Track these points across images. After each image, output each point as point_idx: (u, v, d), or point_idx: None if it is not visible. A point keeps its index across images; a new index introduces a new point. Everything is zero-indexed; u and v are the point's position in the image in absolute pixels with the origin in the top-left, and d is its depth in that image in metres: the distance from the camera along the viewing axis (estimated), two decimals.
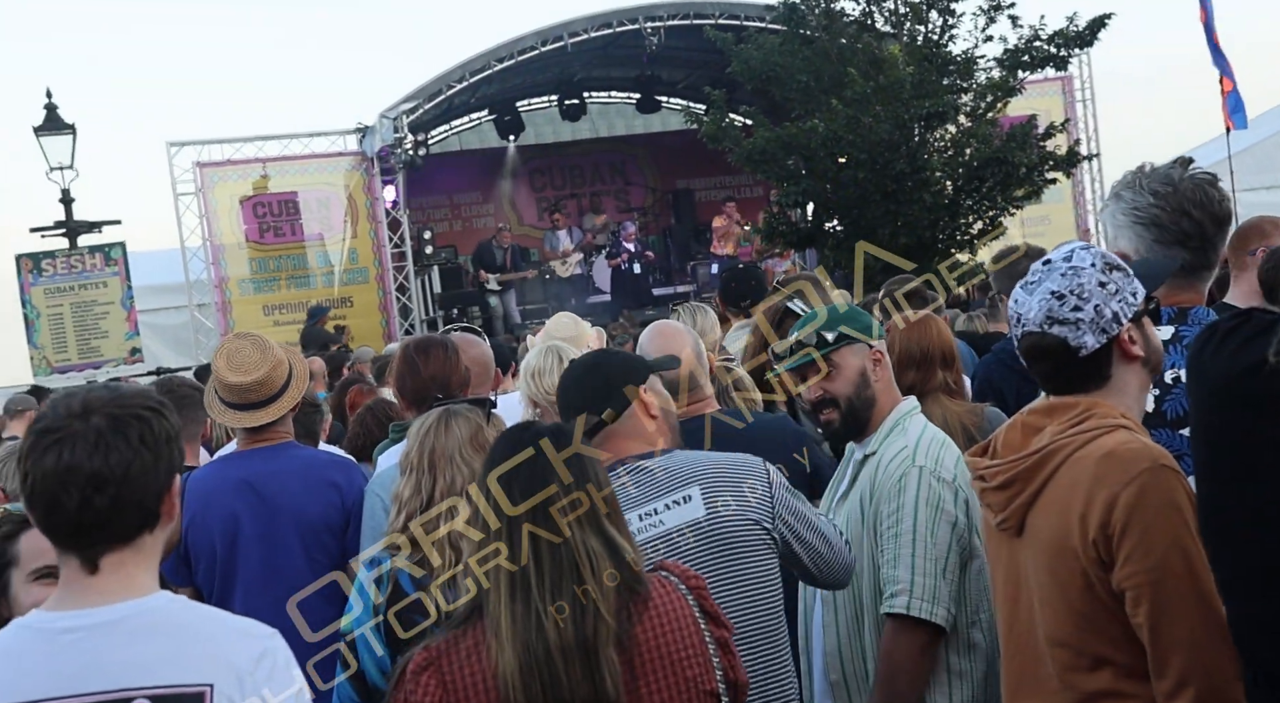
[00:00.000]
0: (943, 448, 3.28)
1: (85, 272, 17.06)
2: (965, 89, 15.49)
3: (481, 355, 4.61)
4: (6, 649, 2.08)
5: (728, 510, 2.98)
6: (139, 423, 2.09)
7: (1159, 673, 2.25)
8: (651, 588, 2.42)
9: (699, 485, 2.98)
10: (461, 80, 18.30)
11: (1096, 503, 2.30)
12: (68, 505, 2.04)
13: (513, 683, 2.27)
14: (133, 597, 2.09)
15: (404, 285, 18.95)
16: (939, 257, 15.52)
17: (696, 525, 2.95)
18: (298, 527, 4.05)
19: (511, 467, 2.41)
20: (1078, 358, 2.43)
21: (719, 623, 2.47)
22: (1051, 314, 2.44)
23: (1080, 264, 2.46)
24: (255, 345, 4.18)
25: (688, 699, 2.37)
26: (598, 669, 2.29)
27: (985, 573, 3.07)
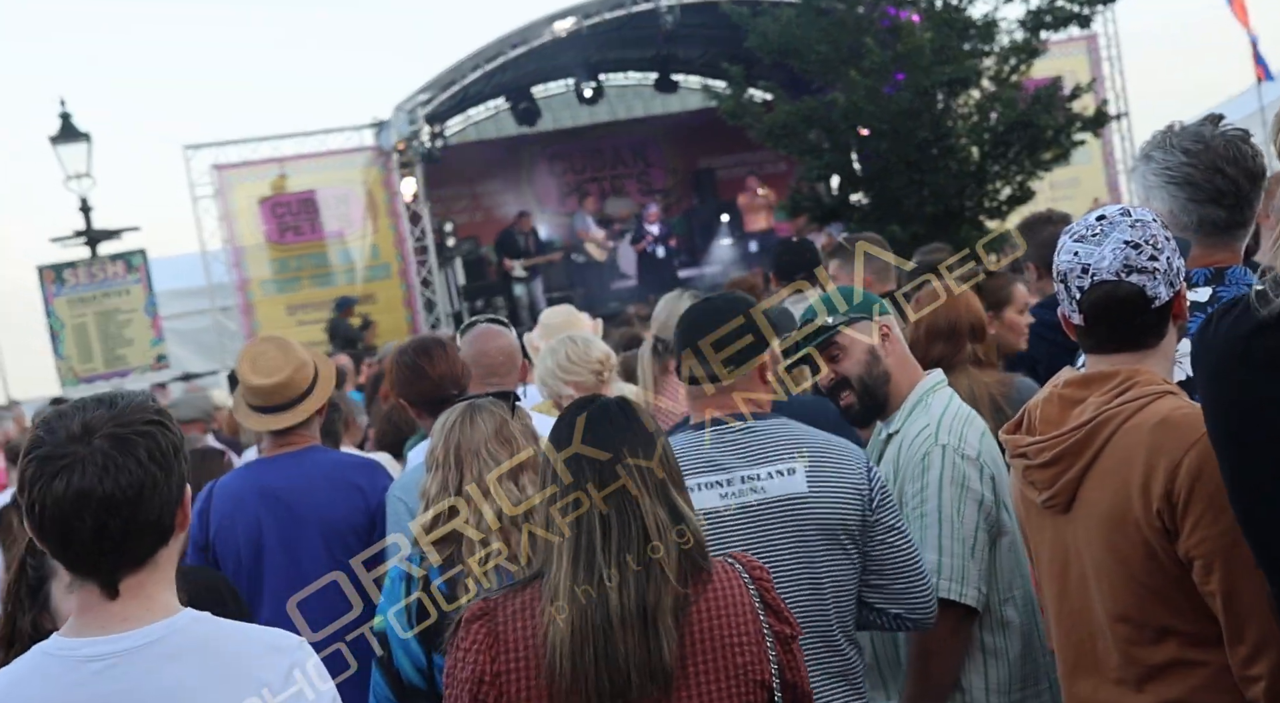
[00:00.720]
0: (967, 424, 3.24)
1: (107, 280, 17.12)
2: (987, 53, 15.23)
3: (508, 345, 4.64)
4: (25, 677, 2.04)
5: (829, 492, 2.93)
6: (144, 439, 2.02)
7: (1235, 640, 2.23)
8: (714, 570, 2.41)
9: (804, 460, 2.94)
10: (475, 69, 18.18)
11: (1158, 472, 2.27)
12: (82, 533, 1.98)
13: (560, 650, 2.28)
14: (156, 619, 2.05)
15: (427, 279, 18.89)
16: (967, 225, 15.31)
17: (798, 500, 2.91)
18: (322, 531, 4.05)
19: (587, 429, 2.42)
20: (1150, 309, 2.40)
21: (782, 619, 2.44)
22: (1129, 262, 2.40)
23: (1144, 218, 2.44)
24: (279, 348, 4.19)
25: (733, 685, 2.35)
26: (655, 638, 2.28)
27: (1017, 549, 3.11)
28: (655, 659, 2.29)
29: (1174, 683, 2.33)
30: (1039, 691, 3.15)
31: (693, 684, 2.33)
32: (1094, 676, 2.46)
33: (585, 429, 2.43)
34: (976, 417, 3.30)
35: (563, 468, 2.41)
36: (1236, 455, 2.08)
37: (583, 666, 2.28)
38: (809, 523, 2.90)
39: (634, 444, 2.41)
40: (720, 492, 2.92)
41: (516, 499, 2.97)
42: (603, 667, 2.28)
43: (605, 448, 2.40)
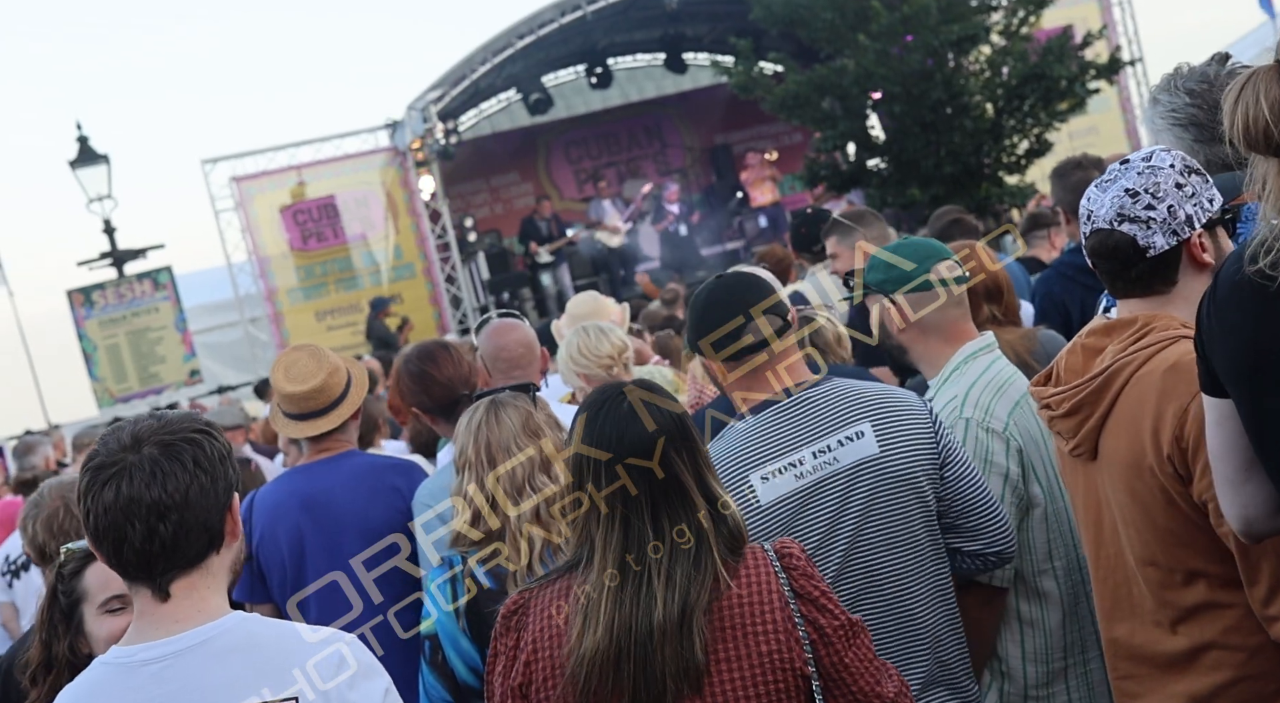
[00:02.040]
0: (996, 396, 3.16)
1: (136, 299, 17.29)
2: (995, 7, 15.12)
3: (525, 337, 4.60)
4: (89, 688, 2.11)
5: (901, 446, 2.88)
6: (191, 447, 2.11)
7: (1252, 580, 2.23)
8: (744, 556, 2.38)
9: (870, 421, 2.88)
10: (484, 62, 18.21)
11: (1167, 417, 2.28)
12: (133, 538, 2.06)
13: (595, 662, 2.27)
14: (207, 620, 2.12)
15: (452, 275, 18.94)
16: (987, 183, 15.24)
17: (872, 463, 2.86)
18: (362, 535, 3.99)
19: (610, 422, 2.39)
20: (1144, 258, 2.40)
21: (820, 607, 2.37)
22: (1123, 211, 2.41)
23: (1159, 164, 2.42)
24: (311, 355, 4.22)
25: (759, 673, 2.30)
26: (688, 638, 2.26)
27: (1051, 521, 3.09)
28: (688, 660, 2.27)
29: (1206, 625, 2.34)
30: (1085, 658, 3.10)
31: (714, 675, 2.29)
32: (1130, 619, 2.47)
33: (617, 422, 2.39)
34: (1014, 385, 3.21)
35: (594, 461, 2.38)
36: (1250, 391, 2.04)
37: (620, 678, 2.27)
38: (890, 483, 2.86)
39: (670, 433, 2.37)
40: (795, 473, 2.85)
41: (548, 490, 2.98)
42: (640, 679, 2.26)
43: (643, 439, 2.36)
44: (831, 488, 2.84)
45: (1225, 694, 2.33)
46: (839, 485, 2.84)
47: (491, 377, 4.44)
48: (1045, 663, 3.10)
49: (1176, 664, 2.39)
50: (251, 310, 18.44)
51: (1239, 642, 2.31)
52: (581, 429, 2.41)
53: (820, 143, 15.95)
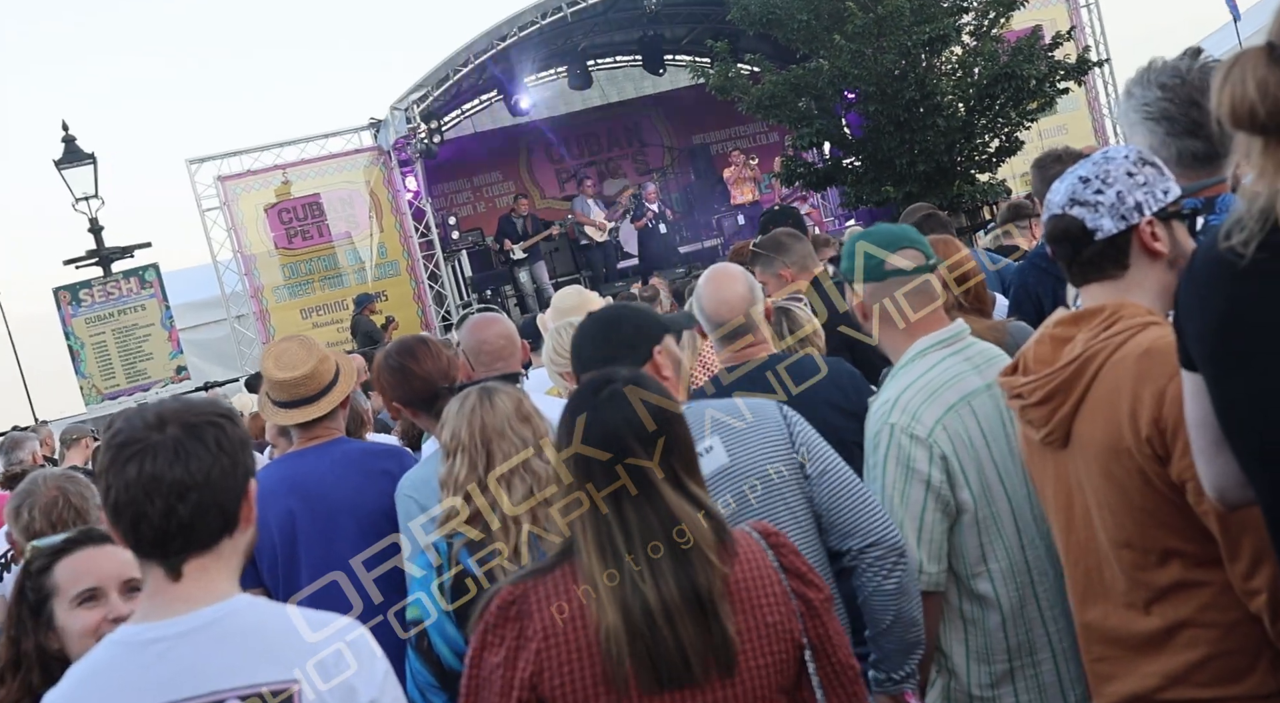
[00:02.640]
0: (928, 401, 3.07)
1: (122, 297, 17.31)
2: (966, 9, 15.35)
3: (505, 330, 4.61)
4: (96, 667, 2.12)
5: (751, 451, 2.97)
6: (214, 429, 2.13)
7: (1233, 556, 2.24)
8: (736, 539, 2.43)
9: (718, 435, 2.97)
10: (466, 63, 18.32)
11: (1145, 400, 2.30)
12: (152, 515, 2.07)
13: (616, 643, 2.26)
14: (215, 602, 2.13)
15: (435, 273, 19.06)
16: (960, 180, 15.44)
17: (726, 472, 2.93)
18: (355, 519, 4.07)
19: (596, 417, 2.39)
20: (1093, 241, 2.46)
21: (806, 582, 2.44)
22: (1073, 195, 2.48)
23: (1113, 155, 2.50)
24: (301, 344, 4.24)
25: (771, 644, 2.36)
26: (716, 620, 2.28)
27: (990, 523, 3.03)
28: (719, 642, 2.28)
29: (1180, 604, 2.36)
30: (1035, 661, 3.04)
31: (743, 653, 2.32)
32: (1103, 602, 2.49)
33: (597, 416, 2.40)
34: (953, 387, 3.10)
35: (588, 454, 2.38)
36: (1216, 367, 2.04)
37: (638, 656, 2.26)
38: (749, 489, 2.93)
39: (643, 430, 2.37)
40: None
41: (547, 476, 2.96)
42: (658, 656, 2.26)
43: (618, 430, 2.36)
44: None
45: (1200, 672, 2.35)
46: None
47: (474, 370, 4.44)
48: (988, 663, 3.06)
49: (1151, 645, 2.41)
50: (237, 308, 18.47)
51: (1213, 619, 2.32)
52: (570, 425, 2.41)
53: (796, 141, 16.13)
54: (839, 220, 19.20)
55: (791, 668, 2.39)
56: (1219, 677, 2.34)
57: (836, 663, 2.43)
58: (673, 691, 2.28)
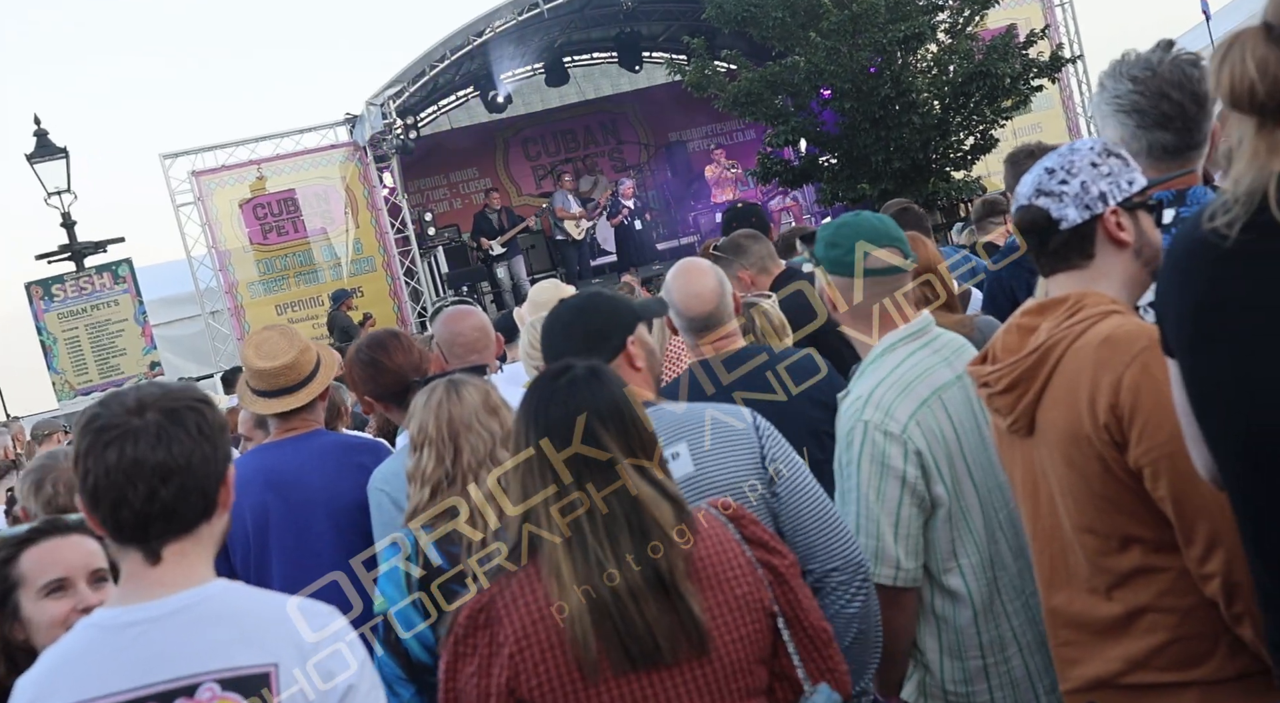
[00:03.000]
0: (901, 395, 3.05)
1: (95, 292, 17.22)
2: (941, 7, 15.43)
3: (479, 323, 4.65)
4: (73, 650, 2.11)
5: (717, 465, 2.93)
6: (194, 414, 2.13)
7: (1188, 540, 2.28)
8: (697, 517, 2.43)
9: (685, 442, 2.93)
10: (443, 59, 18.29)
11: (1103, 387, 2.33)
12: (134, 499, 2.07)
13: (581, 627, 2.26)
14: (193, 586, 2.12)
15: (411, 269, 19.04)
16: (935, 177, 15.52)
17: (691, 481, 2.88)
18: (329, 511, 4.07)
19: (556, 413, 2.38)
20: (1059, 230, 2.49)
21: (770, 549, 2.46)
22: (1039, 186, 2.52)
23: (1079, 146, 2.54)
24: (282, 334, 4.23)
25: (742, 614, 2.37)
26: (680, 601, 2.28)
27: (960, 518, 3.03)
28: (687, 622, 2.29)
29: (1140, 589, 2.39)
30: (1006, 657, 3.05)
31: (715, 628, 2.33)
32: (1068, 588, 2.52)
33: (552, 402, 2.40)
34: (924, 381, 3.09)
35: (540, 450, 2.37)
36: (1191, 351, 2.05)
37: (606, 637, 2.26)
38: (709, 496, 2.83)
39: (602, 411, 2.38)
40: None
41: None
42: (627, 636, 2.26)
43: (568, 417, 2.36)
44: None
45: (1160, 656, 2.38)
46: None
47: (448, 362, 4.45)
48: (960, 659, 3.07)
49: (1113, 629, 2.44)
50: (212, 304, 18.41)
51: (1172, 604, 2.36)
52: (530, 413, 2.42)
53: (772, 138, 16.18)
54: (815, 218, 19.25)
55: (766, 638, 2.40)
56: (1178, 661, 2.37)
57: (809, 626, 2.44)
58: (646, 672, 2.28)
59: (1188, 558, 2.30)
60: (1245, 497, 1.99)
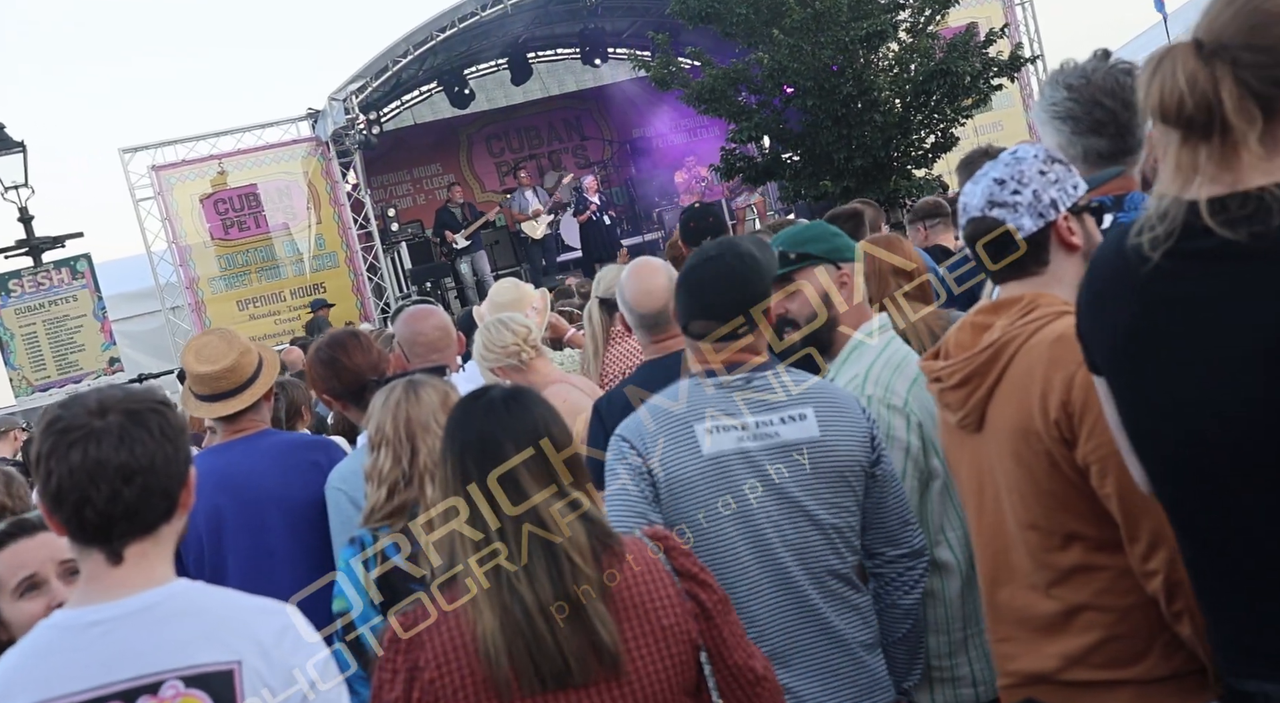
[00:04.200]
0: (895, 373, 3.24)
1: (54, 287, 17.06)
2: (902, 6, 15.51)
3: (441, 322, 4.71)
4: (34, 650, 2.11)
5: (840, 435, 2.98)
6: (156, 416, 2.15)
7: (1132, 538, 2.32)
8: (625, 544, 2.43)
9: (813, 406, 2.98)
10: (406, 54, 18.24)
11: (1054, 385, 2.37)
12: (97, 500, 2.08)
13: (494, 644, 2.27)
14: (154, 585, 2.14)
15: (374, 265, 18.97)
16: (896, 175, 15.59)
17: (812, 444, 2.95)
18: (282, 511, 4.08)
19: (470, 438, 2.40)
20: (1015, 240, 2.53)
21: (698, 582, 2.45)
22: (992, 198, 2.55)
23: (1023, 155, 2.57)
24: (221, 337, 4.22)
25: (665, 644, 2.37)
26: (589, 621, 2.29)
27: (948, 493, 3.14)
28: (597, 642, 2.29)
29: (1080, 587, 2.43)
30: (981, 629, 3.10)
31: (635, 656, 2.33)
32: (1010, 584, 2.55)
33: (471, 423, 2.41)
34: (909, 363, 3.24)
35: (452, 465, 2.40)
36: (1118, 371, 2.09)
37: (518, 656, 2.27)
38: (823, 465, 2.94)
39: (519, 435, 2.38)
40: (738, 435, 2.94)
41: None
42: (537, 656, 2.27)
43: (492, 443, 2.37)
44: (769, 457, 2.93)
45: (1097, 654, 2.41)
46: (776, 459, 2.92)
47: (409, 361, 4.51)
48: (947, 633, 3.16)
49: (1053, 626, 2.47)
50: (172, 299, 18.29)
51: (1110, 603, 2.40)
52: (451, 433, 2.43)
53: (735, 135, 16.23)
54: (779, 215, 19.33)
55: (691, 670, 2.40)
56: (1114, 659, 2.41)
57: (732, 665, 2.44)
58: (556, 692, 2.29)
59: (1131, 555, 2.34)
60: (1178, 513, 2.03)
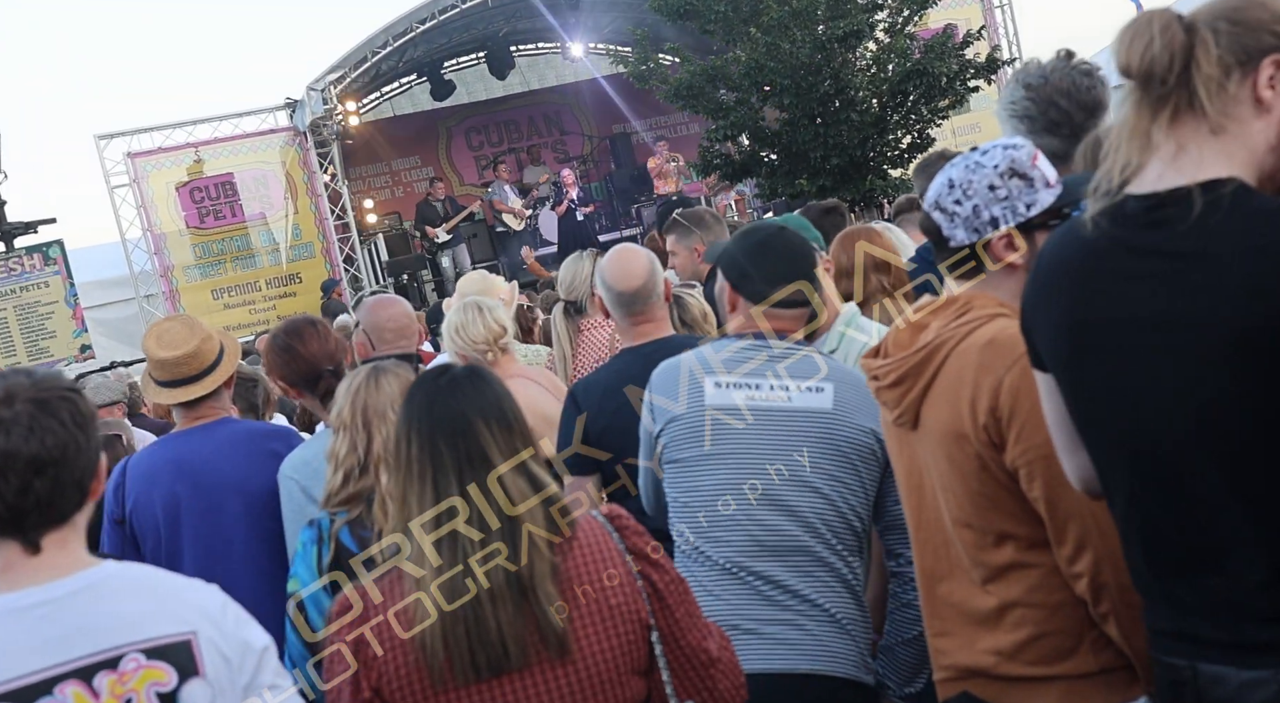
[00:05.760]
0: None
1: (25, 273, 16.97)
2: (880, 6, 15.56)
3: (401, 312, 4.72)
4: None
5: (851, 415, 3.04)
6: (67, 404, 2.09)
7: (1059, 541, 2.36)
8: (578, 524, 2.41)
9: (834, 383, 3.06)
10: (385, 45, 18.20)
11: (983, 389, 2.39)
12: (6, 492, 2.03)
13: (431, 634, 2.26)
14: (85, 567, 2.10)
15: (351, 257, 18.94)
16: (872, 175, 15.63)
17: (820, 415, 3.02)
18: (242, 499, 4.05)
19: (440, 416, 2.36)
20: (949, 245, 2.54)
21: (650, 562, 2.43)
22: (938, 200, 2.54)
23: (984, 162, 2.50)
24: (183, 323, 4.20)
25: (614, 624, 2.35)
26: (538, 604, 2.27)
27: None
28: (544, 625, 2.27)
29: (1012, 584, 2.46)
30: None
31: (580, 636, 2.32)
32: (950, 579, 2.58)
33: (434, 400, 2.38)
34: None
35: (419, 446, 2.35)
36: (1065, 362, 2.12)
37: (456, 642, 2.24)
38: (827, 438, 3.01)
39: (486, 411, 2.36)
40: (747, 394, 3.03)
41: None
42: (476, 643, 2.24)
43: (456, 418, 2.35)
44: (774, 420, 3.02)
45: (1028, 650, 2.45)
46: (782, 422, 3.01)
47: (375, 348, 4.52)
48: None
49: (987, 621, 2.50)
50: (146, 287, 18.23)
51: (1041, 600, 2.43)
52: (412, 408, 2.39)
53: (713, 132, 16.25)
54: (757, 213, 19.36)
55: (641, 650, 2.39)
56: (1044, 656, 2.44)
57: (685, 646, 2.42)
58: (496, 678, 2.26)
59: (1058, 557, 2.37)
60: (1128, 502, 2.06)
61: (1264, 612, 1.87)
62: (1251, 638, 1.89)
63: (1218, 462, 1.89)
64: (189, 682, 2.07)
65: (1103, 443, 2.08)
